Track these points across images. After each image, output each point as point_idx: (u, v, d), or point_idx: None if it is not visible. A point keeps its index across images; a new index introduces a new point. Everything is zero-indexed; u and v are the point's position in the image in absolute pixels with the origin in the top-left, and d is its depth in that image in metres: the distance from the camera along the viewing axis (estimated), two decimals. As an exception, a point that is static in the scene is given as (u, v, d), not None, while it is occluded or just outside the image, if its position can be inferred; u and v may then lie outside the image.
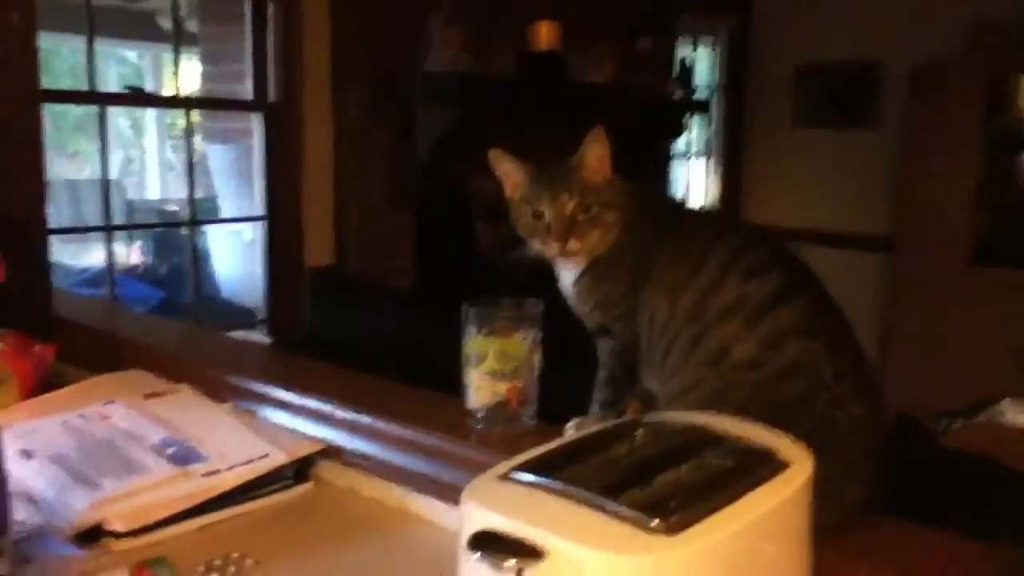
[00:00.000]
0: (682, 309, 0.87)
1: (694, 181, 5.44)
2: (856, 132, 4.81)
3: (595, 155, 0.93)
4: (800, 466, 0.65)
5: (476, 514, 0.58)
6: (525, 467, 0.63)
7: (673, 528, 0.55)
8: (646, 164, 4.53)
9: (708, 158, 5.45)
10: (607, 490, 0.59)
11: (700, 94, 5.12)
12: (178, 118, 3.99)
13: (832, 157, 4.90)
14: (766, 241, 0.90)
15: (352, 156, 3.20)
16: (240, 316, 3.32)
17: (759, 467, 0.64)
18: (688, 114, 4.92)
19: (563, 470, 0.63)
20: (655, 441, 0.70)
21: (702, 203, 5.48)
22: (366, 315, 2.46)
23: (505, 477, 0.62)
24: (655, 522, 0.55)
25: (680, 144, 5.20)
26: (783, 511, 0.62)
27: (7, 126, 1.57)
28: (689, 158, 5.38)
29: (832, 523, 0.78)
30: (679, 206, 1.05)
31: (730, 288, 0.85)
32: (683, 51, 4.95)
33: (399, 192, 3.33)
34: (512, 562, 0.53)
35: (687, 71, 4.74)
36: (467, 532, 0.56)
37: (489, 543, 0.55)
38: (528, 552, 0.53)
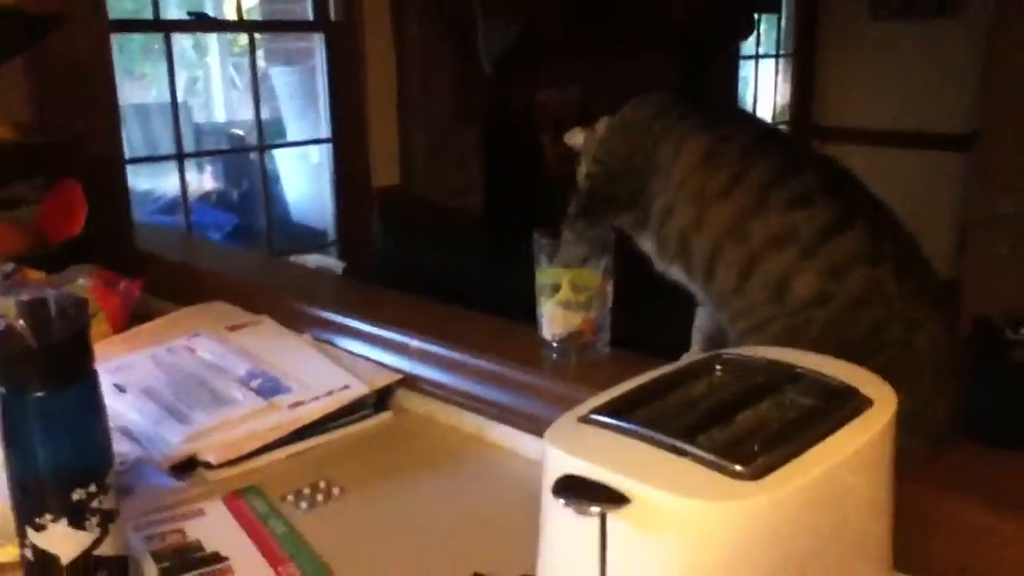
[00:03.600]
0: (716, 220, 0.84)
1: (763, 83, 5.26)
2: (940, 22, 4.54)
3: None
4: (884, 403, 0.64)
5: (559, 459, 0.58)
6: (606, 408, 0.63)
7: (757, 472, 0.55)
8: (710, 67, 4.38)
9: (779, 58, 5.25)
10: (689, 432, 0.59)
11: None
12: (240, 38, 3.98)
13: (914, 51, 4.65)
14: (810, 163, 0.86)
15: (414, 73, 3.16)
16: (311, 238, 3.37)
17: (842, 405, 0.63)
18: (756, 12, 4.73)
19: (644, 411, 0.63)
20: (735, 378, 0.69)
21: (773, 106, 5.30)
22: (435, 235, 2.47)
23: (586, 419, 0.62)
24: (738, 467, 0.55)
25: (749, 44, 5.01)
26: (867, 452, 0.62)
27: (79, 64, 1.58)
28: (758, 59, 5.19)
29: (921, 449, 0.77)
30: (705, 102, 1.03)
31: (774, 215, 0.81)
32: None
33: (464, 109, 3.29)
34: (596, 508, 0.54)
35: (755, -36, 4.54)
36: (550, 478, 0.57)
37: (573, 489, 0.55)
38: (612, 498, 0.54)
